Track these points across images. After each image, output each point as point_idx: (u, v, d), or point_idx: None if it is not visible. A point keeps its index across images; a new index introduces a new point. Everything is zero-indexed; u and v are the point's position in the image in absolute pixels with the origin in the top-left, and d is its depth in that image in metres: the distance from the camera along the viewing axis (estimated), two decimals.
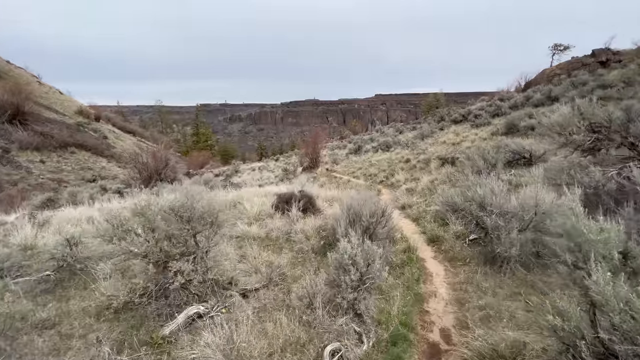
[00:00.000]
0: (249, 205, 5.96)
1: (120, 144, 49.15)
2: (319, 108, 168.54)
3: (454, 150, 13.32)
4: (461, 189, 5.54)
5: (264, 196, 8.50)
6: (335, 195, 8.24)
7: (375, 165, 14.82)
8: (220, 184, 12.17)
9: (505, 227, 3.14)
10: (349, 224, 3.52)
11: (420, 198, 7.69)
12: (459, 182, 7.80)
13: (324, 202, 7.66)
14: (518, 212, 3.16)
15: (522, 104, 22.76)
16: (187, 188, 8.70)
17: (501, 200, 3.38)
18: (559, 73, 32.13)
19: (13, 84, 36.49)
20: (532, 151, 8.62)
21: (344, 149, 26.51)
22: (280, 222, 5.40)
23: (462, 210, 5.13)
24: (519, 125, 13.99)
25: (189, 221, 2.57)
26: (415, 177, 10.55)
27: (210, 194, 8.63)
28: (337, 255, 2.48)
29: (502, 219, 3.22)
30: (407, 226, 5.63)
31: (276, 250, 4.09)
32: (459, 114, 26.90)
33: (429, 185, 8.67)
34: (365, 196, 4.03)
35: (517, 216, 3.16)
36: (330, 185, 12.03)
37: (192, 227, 2.57)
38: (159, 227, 2.46)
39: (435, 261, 3.87)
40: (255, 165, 29.12)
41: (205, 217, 2.63)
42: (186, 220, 2.57)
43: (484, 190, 3.75)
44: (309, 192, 6.82)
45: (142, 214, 2.41)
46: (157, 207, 2.53)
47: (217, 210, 3.09)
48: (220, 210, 6.15)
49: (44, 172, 29.31)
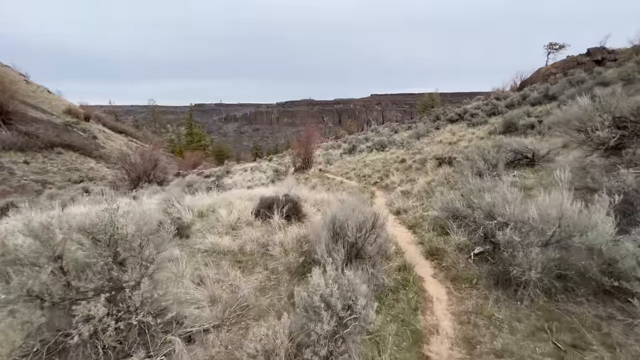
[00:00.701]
0: (226, 212, 5.30)
1: (111, 144, 48.04)
2: (315, 108, 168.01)
3: (451, 149, 12.77)
4: (463, 193, 4.90)
5: (248, 200, 7.84)
6: (325, 199, 7.62)
7: (369, 166, 14.23)
8: (204, 186, 11.47)
9: (522, 243, 2.54)
10: (332, 239, 2.90)
11: (416, 202, 7.08)
12: (458, 184, 7.22)
13: (312, 207, 7.03)
14: (538, 225, 2.56)
15: (519, 102, 22.43)
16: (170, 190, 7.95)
17: (516, 209, 2.78)
18: (554, 72, 31.92)
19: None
20: (535, 150, 8.07)
21: (338, 149, 25.93)
22: (259, 231, 4.75)
23: (464, 218, 4.50)
24: (517, 124, 13.49)
25: (110, 245, 1.94)
26: (411, 179, 9.96)
27: (186, 199, 7.94)
28: (306, 295, 1.86)
29: (518, 232, 2.63)
30: (403, 235, 5.01)
31: (248, 267, 3.44)
32: (455, 113, 26.47)
33: (425, 187, 8.07)
34: (353, 203, 3.41)
35: (536, 230, 2.56)
36: (322, 187, 11.40)
37: (115, 252, 1.94)
38: (66, 254, 1.83)
39: (435, 281, 3.26)
40: (247, 166, 28.40)
41: (137, 237, 1.99)
42: (105, 244, 1.93)
43: (493, 197, 3.16)
44: (294, 196, 6.17)
45: (37, 236, 1.76)
46: (66, 227, 1.90)
47: (154, 227, 2.43)
48: (191, 221, 5.51)
49: (28, 173, 28.28)
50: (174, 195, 6.61)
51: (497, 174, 7.38)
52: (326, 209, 3.76)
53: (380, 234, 3.10)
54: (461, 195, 5.14)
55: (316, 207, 7.11)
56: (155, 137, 73.53)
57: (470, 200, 4.53)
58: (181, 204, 6.41)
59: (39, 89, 54.79)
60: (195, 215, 5.89)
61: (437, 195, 6.63)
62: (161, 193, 9.58)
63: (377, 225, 3.12)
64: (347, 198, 7.72)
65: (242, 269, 3.37)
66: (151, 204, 6.91)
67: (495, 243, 3.25)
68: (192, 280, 2.85)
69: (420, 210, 6.09)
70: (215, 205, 6.82)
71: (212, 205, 6.69)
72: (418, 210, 6.22)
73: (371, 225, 3.01)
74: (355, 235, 2.84)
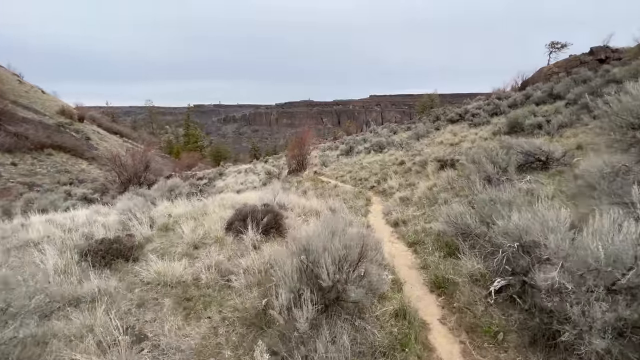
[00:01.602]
0: (189, 228, 4.43)
1: (105, 145, 47.13)
2: (314, 109, 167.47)
3: (453, 151, 11.94)
4: (474, 204, 4.03)
5: (231, 207, 6.98)
6: (314, 207, 6.75)
7: (366, 168, 13.38)
8: (187, 191, 10.59)
9: (578, 292, 1.71)
10: (300, 280, 2.05)
11: (417, 210, 6.23)
12: (464, 191, 6.37)
13: (298, 217, 6.16)
14: (601, 267, 1.72)
15: (522, 102, 21.71)
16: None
17: (565, 242, 1.93)
18: (556, 71, 31.17)
19: None
20: (549, 152, 7.23)
21: (335, 150, 25.11)
22: (227, 252, 3.89)
23: (477, 237, 3.63)
24: (523, 124, 12.67)
25: None
26: (410, 183, 9.10)
27: (159, 207, 7.05)
28: None
29: (568, 275, 1.80)
30: (402, 255, 4.16)
31: (197, 310, 2.58)
32: (456, 113, 25.70)
33: (427, 193, 7.22)
34: (334, 224, 2.56)
35: (598, 273, 1.73)
36: (314, 192, 10.54)
37: None
38: None
39: (445, 330, 2.42)
40: (242, 168, 27.53)
41: None
42: None
43: (524, 220, 2.31)
44: (276, 206, 5.31)
45: None
46: None
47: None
48: (148, 238, 4.63)
49: (15, 176, 27.36)
50: (137, 205, 5.70)
51: (508, 178, 6.53)
52: (298, 232, 2.90)
53: (370, 271, 2.25)
54: (472, 208, 4.25)
55: (304, 216, 6.24)
56: (151, 138, 72.69)
57: (484, 214, 3.65)
58: (145, 215, 5.52)
59: (33, 89, 53.86)
60: (158, 230, 5.02)
61: (440, 203, 5.75)
62: (133, 199, 8.66)
63: (367, 256, 2.27)
64: (337, 207, 6.85)
65: (187, 314, 2.51)
66: (111, 214, 6.02)
67: (524, 278, 2.40)
68: (101, 338, 1.99)
69: (422, 222, 5.24)
70: (189, 215, 5.96)
71: (183, 215, 5.82)
72: (419, 221, 5.37)
73: (357, 258, 2.17)
74: (334, 277, 2.00)
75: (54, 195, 15.39)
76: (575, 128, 10.85)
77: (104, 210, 7.41)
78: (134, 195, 10.37)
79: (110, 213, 6.16)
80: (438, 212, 5.28)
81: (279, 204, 6.88)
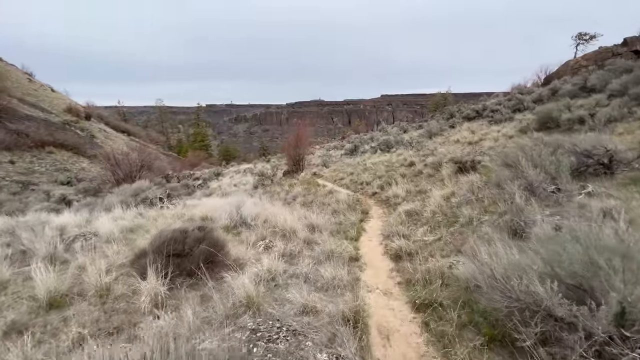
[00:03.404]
0: (75, 265, 2.81)
1: (110, 143, 46.67)
2: (324, 109, 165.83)
3: (472, 151, 10.03)
4: (542, 252, 2.15)
5: (188, 220, 5.45)
6: (290, 224, 5.05)
7: (370, 170, 11.60)
8: (154, 195, 9.05)
9: None
10: None
11: (430, 232, 4.45)
12: (495, 206, 4.54)
13: (260, 241, 4.47)
14: None
15: (548, 97, 19.46)
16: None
17: None
18: (585, 64, 28.44)
19: None
20: (615, 151, 5.32)
21: (340, 150, 23.38)
22: (93, 326, 2.25)
23: (561, 320, 1.78)
24: (559, 119, 10.64)
25: None
26: (421, 190, 7.29)
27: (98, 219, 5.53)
28: None
29: None
30: (402, 333, 2.41)
31: None
32: (472, 109, 23.55)
33: (443, 205, 5.41)
34: None
35: None
36: (305, 198, 8.82)
37: None
38: None
39: None
40: (242, 168, 26.09)
41: None
42: None
43: None
44: (215, 234, 3.63)
45: None
46: None
47: None
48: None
49: (11, 174, 26.71)
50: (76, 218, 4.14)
51: (558, 188, 4.67)
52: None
53: None
54: (531, 251, 2.41)
55: (269, 239, 4.55)
56: (159, 137, 72.55)
57: (564, 271, 1.78)
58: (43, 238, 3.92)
59: (42, 87, 54.13)
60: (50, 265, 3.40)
61: (463, 223, 3.96)
62: (80, 209, 7.16)
63: None
64: (321, 224, 5.11)
65: None
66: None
67: None
68: None
69: (438, 257, 3.45)
70: (114, 235, 4.33)
71: (106, 235, 4.21)
72: (434, 253, 3.58)
73: None
74: None
75: (32, 198, 14.17)
76: (628, 123, 8.81)
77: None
78: (91, 201, 8.91)
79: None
80: (462, 245, 3.48)
81: (242, 218, 5.21)
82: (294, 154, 13.74)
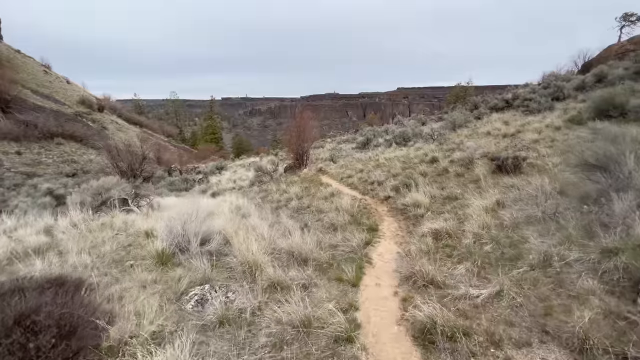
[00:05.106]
0: None
1: (121, 135, 46.36)
2: (339, 102, 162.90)
3: (511, 145, 8.02)
4: None
5: (123, 231, 3.91)
6: (254, 254, 3.36)
7: (383, 167, 9.77)
8: (126, 194, 7.57)
9: None
10: None
11: (477, 277, 2.62)
12: (581, 233, 2.72)
13: (198, 287, 2.82)
14: None
15: (592, 84, 16.87)
16: None
17: None
18: (632, 49, 25.15)
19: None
20: None
21: (352, 143, 21.52)
22: None
23: None
24: (625, 105, 8.43)
25: None
26: (450, 195, 5.45)
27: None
28: None
29: None
30: None
31: None
32: (501, 99, 21.10)
33: (489, 222, 3.58)
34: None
35: None
36: (300, 201, 7.13)
37: None
38: None
39: None
40: (246, 162, 24.69)
41: None
42: None
43: None
44: (87, 299, 1.92)
45: None
46: None
47: None
48: None
49: (17, 165, 26.38)
50: None
51: None
52: None
53: None
54: None
55: (207, 289, 2.83)
56: (172, 129, 72.36)
57: None
58: None
59: (58, 79, 54.49)
60: None
61: (535, 265, 2.05)
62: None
63: None
64: (307, 252, 3.42)
65: None
66: None
67: None
68: None
69: (506, 342, 1.65)
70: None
71: None
72: (494, 333, 1.77)
73: None
74: None
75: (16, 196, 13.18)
76: None
77: None
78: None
79: None
80: (547, 313, 1.57)
81: (188, 239, 3.58)
82: (297, 148, 12.07)
